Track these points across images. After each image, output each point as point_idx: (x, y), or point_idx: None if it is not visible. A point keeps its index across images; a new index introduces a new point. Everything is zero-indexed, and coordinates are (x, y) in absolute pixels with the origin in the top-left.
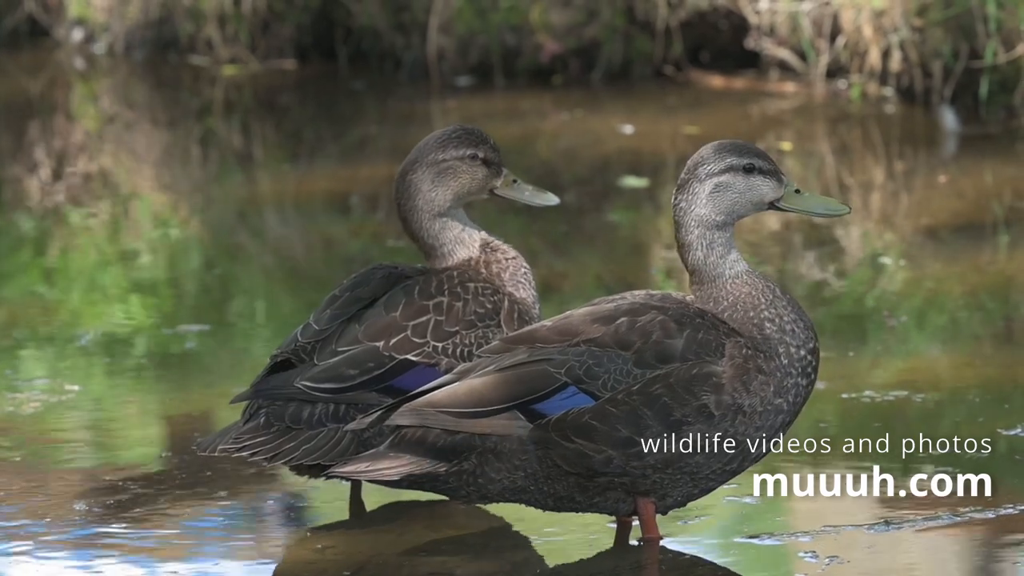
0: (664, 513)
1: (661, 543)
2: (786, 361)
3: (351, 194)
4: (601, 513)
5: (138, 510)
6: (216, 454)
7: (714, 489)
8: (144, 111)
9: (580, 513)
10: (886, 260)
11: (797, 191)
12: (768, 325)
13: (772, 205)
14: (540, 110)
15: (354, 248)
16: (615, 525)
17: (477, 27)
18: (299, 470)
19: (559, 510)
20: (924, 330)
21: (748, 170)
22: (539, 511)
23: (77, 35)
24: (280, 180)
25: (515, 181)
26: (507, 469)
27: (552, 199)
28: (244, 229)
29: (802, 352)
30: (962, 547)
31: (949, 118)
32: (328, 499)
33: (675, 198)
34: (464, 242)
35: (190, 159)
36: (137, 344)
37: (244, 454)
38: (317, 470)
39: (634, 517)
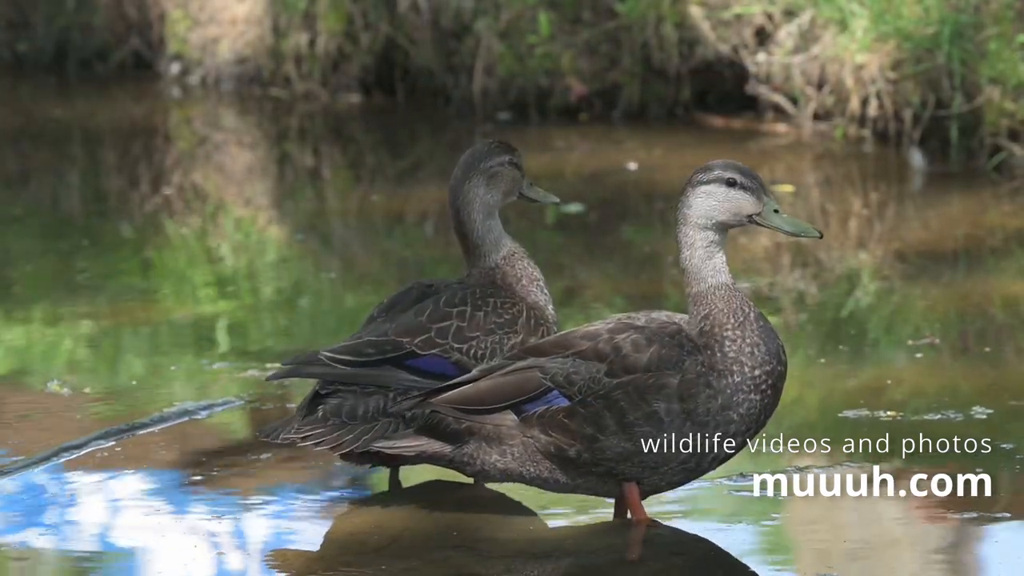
0: (643, 497)
1: (650, 525)
2: (739, 379)
3: (405, 210)
4: (586, 494)
5: (216, 474)
6: (279, 441)
7: (682, 483)
8: (230, 135)
9: (572, 494)
10: (862, 278)
11: (776, 211)
12: (728, 344)
13: (752, 219)
14: (568, 143)
15: (407, 255)
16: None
17: (516, 70)
18: (348, 457)
19: (550, 490)
20: (892, 338)
21: (730, 183)
22: (553, 494)
23: (175, 68)
24: (345, 196)
25: (531, 184)
26: (498, 453)
27: (555, 199)
28: (313, 237)
29: (756, 372)
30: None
31: (917, 158)
32: (370, 480)
33: (677, 202)
34: (497, 246)
35: (268, 176)
36: (218, 333)
37: (307, 444)
38: (363, 457)
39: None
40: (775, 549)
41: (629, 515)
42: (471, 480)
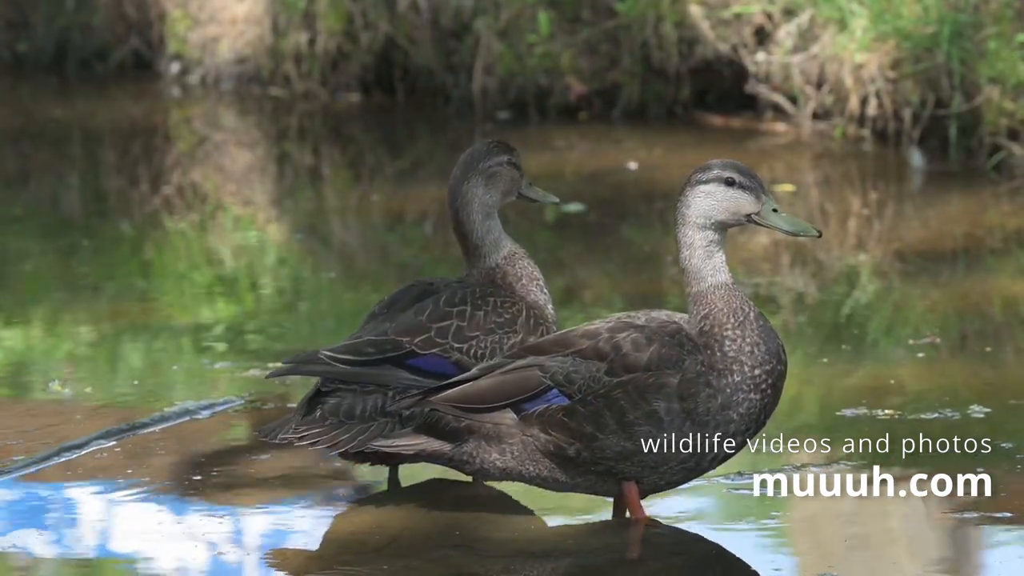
0: (642, 497)
1: (649, 524)
2: (738, 379)
3: (404, 209)
4: (586, 493)
5: (216, 473)
6: (276, 441)
7: (681, 483)
8: (230, 134)
9: (572, 493)
10: (861, 277)
11: (775, 210)
12: (728, 343)
13: (750, 218)
14: (568, 142)
15: (406, 255)
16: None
17: (516, 69)
18: (346, 456)
19: (549, 489)
20: (891, 337)
21: (729, 183)
22: (552, 493)
23: (174, 68)
24: (344, 196)
25: (530, 184)
26: (498, 451)
27: (555, 199)
28: (313, 237)
29: (756, 371)
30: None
31: (917, 157)
32: (369, 479)
33: (677, 202)
34: (497, 247)
35: (268, 176)
36: (218, 333)
37: (304, 444)
38: (361, 456)
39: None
40: (775, 548)
41: (628, 514)
42: (470, 479)
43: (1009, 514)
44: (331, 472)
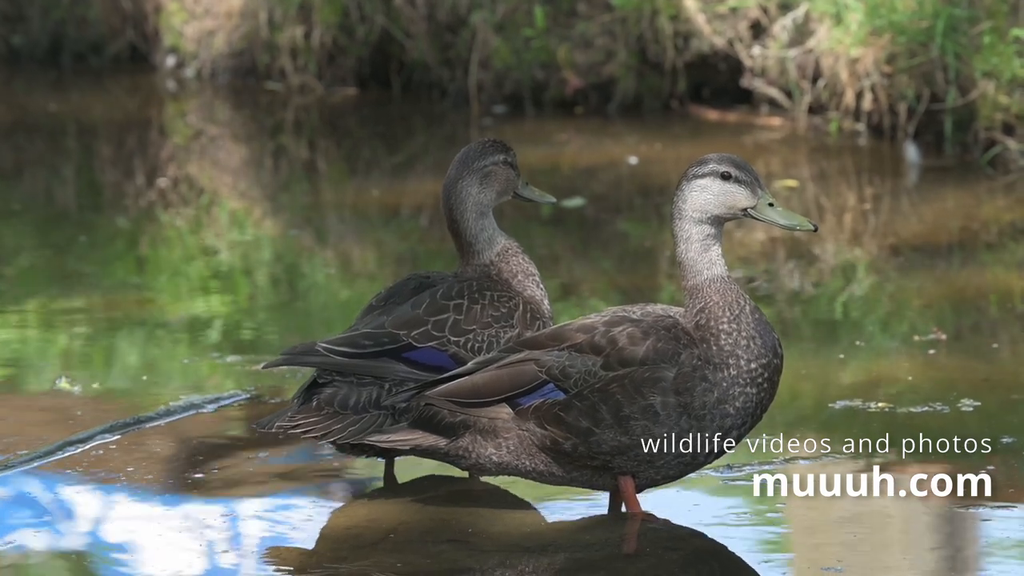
0: (638, 491)
1: (645, 519)
2: (735, 372)
3: (401, 203)
4: (582, 487)
5: (216, 469)
6: (272, 430)
7: (677, 477)
8: (225, 128)
9: (568, 487)
10: (857, 272)
11: (771, 205)
12: (724, 337)
13: (746, 212)
14: (565, 136)
15: (402, 249)
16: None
17: (512, 63)
18: (342, 448)
19: (545, 483)
20: (888, 332)
21: (725, 177)
22: (548, 488)
23: (170, 61)
24: (340, 190)
25: (526, 183)
26: (494, 446)
27: (552, 199)
28: (309, 230)
29: (752, 365)
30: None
31: (912, 152)
32: (366, 475)
33: (673, 196)
34: (491, 244)
35: (263, 169)
36: (215, 327)
37: (297, 432)
38: (358, 449)
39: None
40: (771, 543)
41: (624, 509)
42: (466, 474)
43: (1012, 510)
44: (328, 468)
